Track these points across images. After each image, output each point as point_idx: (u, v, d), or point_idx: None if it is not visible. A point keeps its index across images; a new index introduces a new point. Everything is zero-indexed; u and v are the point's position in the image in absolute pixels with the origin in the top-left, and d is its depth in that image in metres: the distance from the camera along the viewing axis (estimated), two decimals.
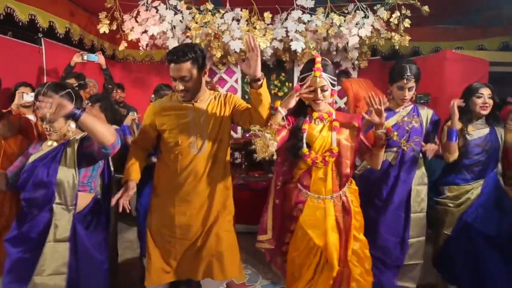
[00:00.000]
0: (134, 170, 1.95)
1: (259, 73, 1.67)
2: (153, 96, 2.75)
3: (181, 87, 1.84)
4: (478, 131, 2.36)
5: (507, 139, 2.46)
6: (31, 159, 1.77)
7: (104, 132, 1.60)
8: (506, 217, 2.34)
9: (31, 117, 2.87)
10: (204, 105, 1.96)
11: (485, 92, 2.33)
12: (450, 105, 2.23)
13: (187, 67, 1.80)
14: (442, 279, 2.54)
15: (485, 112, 2.33)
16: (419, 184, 2.32)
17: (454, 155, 2.29)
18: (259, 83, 1.69)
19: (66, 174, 1.74)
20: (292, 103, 1.84)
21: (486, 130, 2.37)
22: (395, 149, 2.28)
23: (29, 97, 2.67)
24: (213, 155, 1.94)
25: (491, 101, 2.32)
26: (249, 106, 1.88)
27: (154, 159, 2.78)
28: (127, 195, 1.82)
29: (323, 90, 1.82)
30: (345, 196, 1.92)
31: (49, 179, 1.71)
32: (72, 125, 1.82)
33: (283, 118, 1.81)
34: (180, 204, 1.94)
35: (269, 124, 1.77)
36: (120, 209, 1.79)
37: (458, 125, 2.26)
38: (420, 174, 2.32)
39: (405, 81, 2.20)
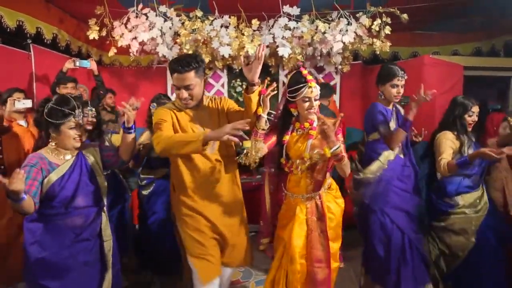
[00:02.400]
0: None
1: (257, 79, 1.89)
2: (154, 104, 2.77)
3: (185, 95, 1.96)
4: (469, 145, 2.47)
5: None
6: (58, 174, 1.78)
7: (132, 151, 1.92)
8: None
9: (23, 122, 2.88)
10: (205, 108, 2.11)
11: (476, 110, 2.47)
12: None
13: (190, 76, 1.93)
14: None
15: (469, 129, 2.48)
16: None
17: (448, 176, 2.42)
18: (254, 88, 1.89)
19: (101, 180, 1.91)
20: (267, 106, 1.97)
21: (472, 143, 2.49)
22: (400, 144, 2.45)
23: (20, 104, 2.66)
24: (224, 150, 2.10)
25: (476, 118, 2.46)
26: (241, 109, 2.08)
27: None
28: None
29: (315, 100, 1.96)
30: (319, 200, 2.03)
31: (93, 187, 1.87)
32: None
33: (265, 121, 1.97)
34: (210, 203, 2.08)
35: (254, 129, 1.94)
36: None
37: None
38: None
39: (399, 78, 2.38)
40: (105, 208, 1.97)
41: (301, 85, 1.94)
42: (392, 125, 2.44)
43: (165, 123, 1.99)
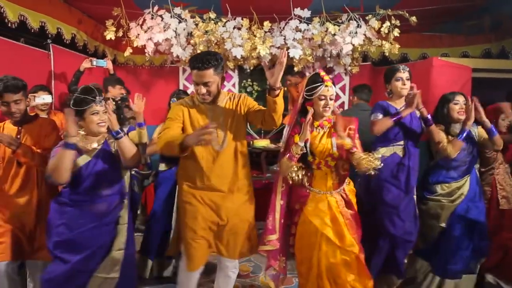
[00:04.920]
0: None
1: (278, 84, 1.91)
2: (174, 98, 2.95)
3: (203, 91, 2.05)
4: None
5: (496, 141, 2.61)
6: (84, 160, 1.98)
7: (130, 159, 1.97)
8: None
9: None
10: (221, 105, 2.16)
11: (460, 99, 2.59)
12: (469, 107, 2.44)
13: (210, 73, 2.00)
14: (432, 268, 2.73)
15: (462, 117, 2.56)
16: None
17: (455, 154, 2.51)
18: (276, 92, 1.92)
19: (124, 170, 2.06)
20: (307, 134, 2.04)
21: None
22: (402, 142, 2.55)
23: (40, 99, 2.82)
24: (234, 150, 2.15)
25: (465, 106, 2.55)
26: (261, 108, 2.12)
27: (163, 166, 3.00)
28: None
29: (331, 99, 2.07)
30: (344, 193, 2.16)
31: (117, 175, 2.04)
32: None
33: (301, 148, 2.04)
34: (214, 195, 2.14)
35: (290, 153, 2.05)
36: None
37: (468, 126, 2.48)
38: None
39: (401, 71, 2.48)
40: (126, 196, 2.12)
41: (318, 84, 2.05)
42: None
43: (171, 122, 2.09)
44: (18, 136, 2.30)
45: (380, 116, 2.50)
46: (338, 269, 2.06)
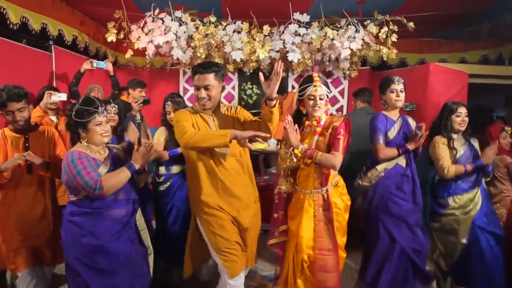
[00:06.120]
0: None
1: (275, 94, 1.98)
2: (169, 102, 2.93)
3: (203, 94, 2.12)
4: (462, 146, 2.63)
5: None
6: (106, 167, 2.00)
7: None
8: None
9: (54, 118, 3.19)
10: (220, 115, 2.25)
11: (463, 111, 2.62)
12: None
13: (210, 77, 2.10)
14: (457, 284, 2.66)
15: (463, 129, 2.61)
16: None
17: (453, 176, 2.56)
18: (273, 103, 2.00)
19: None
20: (293, 137, 2.13)
21: (466, 145, 2.64)
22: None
23: (56, 97, 2.89)
24: (238, 155, 2.23)
25: (467, 119, 2.60)
26: (256, 119, 2.20)
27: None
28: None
29: (320, 99, 2.11)
30: (326, 194, 2.17)
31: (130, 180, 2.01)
32: None
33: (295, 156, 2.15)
34: (230, 200, 2.19)
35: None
36: None
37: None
38: None
39: (396, 82, 2.49)
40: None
41: (307, 84, 2.12)
42: (393, 133, 2.52)
43: (187, 122, 2.14)
44: (27, 145, 2.35)
45: (381, 137, 2.49)
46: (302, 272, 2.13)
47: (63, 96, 2.87)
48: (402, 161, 2.52)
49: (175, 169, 2.88)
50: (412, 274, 2.47)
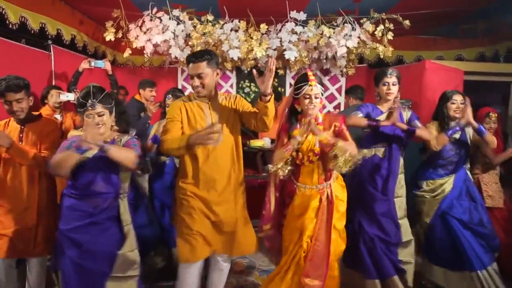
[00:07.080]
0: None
1: (269, 90, 2.04)
2: (169, 95, 2.99)
3: (197, 83, 2.17)
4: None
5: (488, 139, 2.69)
6: (86, 155, 2.02)
7: (125, 161, 1.97)
8: (475, 204, 2.73)
9: (58, 116, 3.22)
10: (217, 104, 2.27)
11: (458, 98, 2.71)
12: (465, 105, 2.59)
13: (202, 66, 2.14)
14: (429, 261, 2.82)
15: (458, 116, 2.67)
16: (400, 173, 2.63)
17: (440, 147, 2.64)
18: (267, 98, 2.05)
19: (123, 169, 2.10)
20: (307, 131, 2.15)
21: (458, 134, 2.71)
22: (384, 145, 2.60)
23: (64, 96, 2.91)
24: (229, 146, 2.25)
25: (462, 106, 2.67)
26: (255, 110, 2.22)
27: (164, 158, 3.05)
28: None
29: (316, 98, 2.14)
30: (329, 188, 2.23)
31: (114, 174, 2.08)
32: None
33: (298, 142, 2.15)
34: (208, 190, 2.21)
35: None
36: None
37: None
38: (400, 164, 2.64)
39: (388, 75, 2.53)
40: (125, 195, 2.15)
41: (303, 83, 2.15)
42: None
43: (171, 124, 2.19)
44: (21, 135, 2.36)
45: (360, 114, 2.56)
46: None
47: (70, 96, 2.92)
48: (380, 153, 2.61)
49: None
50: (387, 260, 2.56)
